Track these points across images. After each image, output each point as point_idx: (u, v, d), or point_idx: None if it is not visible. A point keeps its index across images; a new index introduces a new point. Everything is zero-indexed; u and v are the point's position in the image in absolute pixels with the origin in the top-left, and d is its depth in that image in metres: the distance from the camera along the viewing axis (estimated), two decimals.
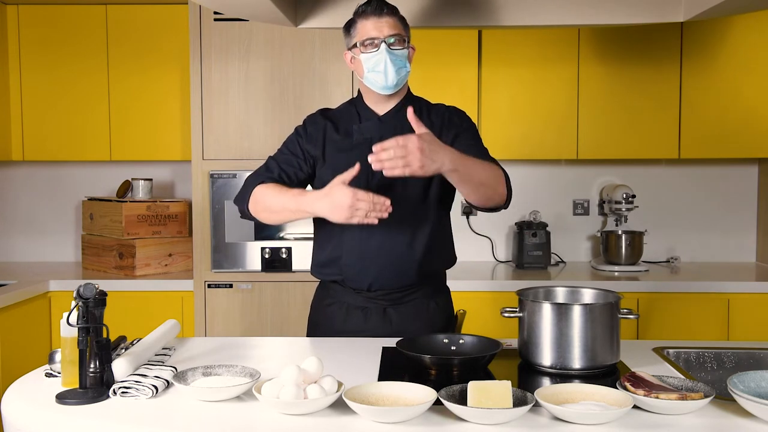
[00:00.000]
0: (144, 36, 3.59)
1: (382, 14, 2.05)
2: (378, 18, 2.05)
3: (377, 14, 2.05)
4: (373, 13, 2.05)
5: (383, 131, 2.11)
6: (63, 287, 3.36)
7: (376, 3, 2.06)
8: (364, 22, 2.06)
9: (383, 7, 2.06)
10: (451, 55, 3.49)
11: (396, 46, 2.05)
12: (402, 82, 2.10)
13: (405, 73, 2.09)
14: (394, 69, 2.04)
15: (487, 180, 1.97)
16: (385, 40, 2.03)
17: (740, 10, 2.75)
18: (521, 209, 3.85)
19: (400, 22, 2.09)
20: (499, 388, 1.42)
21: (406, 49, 2.08)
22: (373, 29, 2.04)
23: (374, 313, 2.14)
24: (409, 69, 2.10)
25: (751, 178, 3.87)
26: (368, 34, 2.05)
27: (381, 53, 2.03)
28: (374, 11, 2.05)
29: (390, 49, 2.04)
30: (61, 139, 3.65)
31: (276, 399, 1.45)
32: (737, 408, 1.46)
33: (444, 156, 1.82)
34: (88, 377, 1.57)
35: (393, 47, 2.05)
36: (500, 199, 2.05)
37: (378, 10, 2.05)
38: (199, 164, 3.32)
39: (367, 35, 2.05)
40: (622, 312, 1.80)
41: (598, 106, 3.52)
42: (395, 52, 2.05)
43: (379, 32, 2.04)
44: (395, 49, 2.05)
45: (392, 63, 2.04)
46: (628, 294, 3.21)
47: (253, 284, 3.32)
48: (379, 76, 2.06)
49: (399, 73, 2.06)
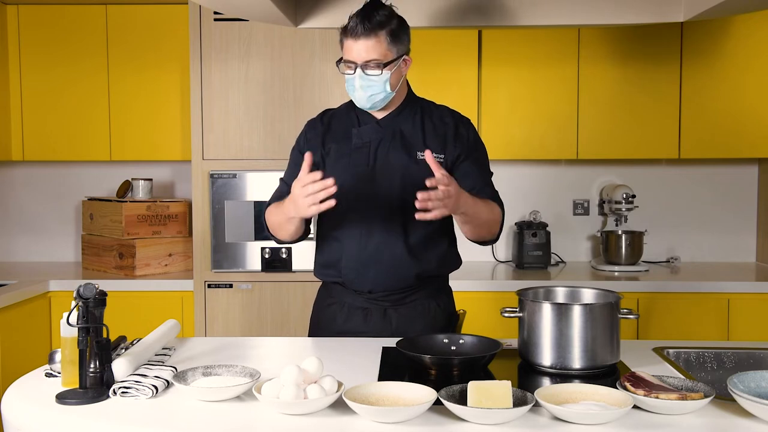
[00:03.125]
0: (144, 36, 3.59)
1: (359, 37, 1.97)
2: (355, 41, 1.98)
3: (354, 36, 1.98)
4: (352, 34, 1.98)
5: (382, 135, 2.11)
6: (63, 287, 3.36)
7: (357, 20, 1.98)
8: (345, 41, 2.02)
9: (362, 27, 1.97)
10: (451, 55, 3.49)
11: (371, 71, 1.99)
12: (380, 104, 2.06)
13: (382, 97, 2.04)
14: (366, 94, 2.02)
15: (487, 222, 2.08)
16: (360, 65, 1.99)
17: (740, 10, 2.75)
18: (521, 209, 3.85)
19: (388, 37, 2.00)
20: (499, 388, 1.42)
21: (386, 72, 2.00)
22: (350, 51, 2.00)
23: (375, 314, 2.13)
24: (389, 91, 2.04)
25: (751, 178, 3.87)
26: (346, 54, 2.02)
27: (355, 77, 2.01)
28: (352, 32, 1.98)
29: (364, 73, 2.00)
30: (61, 139, 3.65)
31: (276, 399, 1.45)
32: (737, 408, 1.46)
33: (464, 202, 1.92)
34: (88, 377, 1.57)
35: (368, 72, 2.00)
36: (491, 238, 2.16)
37: (355, 33, 1.98)
38: (199, 164, 3.32)
39: (346, 56, 2.02)
40: (622, 312, 1.80)
41: (598, 106, 3.52)
42: (370, 77, 2.00)
43: (355, 56, 1.99)
44: (370, 75, 2.00)
45: (363, 89, 2.01)
46: (628, 294, 3.21)
47: (253, 284, 3.32)
48: (355, 95, 2.05)
49: (372, 98, 2.03)
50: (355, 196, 2.08)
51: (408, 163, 2.08)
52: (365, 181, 2.08)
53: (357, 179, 2.08)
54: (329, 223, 2.15)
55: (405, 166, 2.08)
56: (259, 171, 3.28)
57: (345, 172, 2.08)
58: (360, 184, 2.08)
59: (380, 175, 2.07)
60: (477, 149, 2.17)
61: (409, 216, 2.07)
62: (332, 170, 2.11)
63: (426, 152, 1.87)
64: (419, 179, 2.06)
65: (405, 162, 2.08)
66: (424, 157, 2.06)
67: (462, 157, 2.12)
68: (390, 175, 2.07)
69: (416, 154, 2.09)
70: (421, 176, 2.06)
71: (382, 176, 2.07)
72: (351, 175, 2.08)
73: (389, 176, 2.07)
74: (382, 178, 2.07)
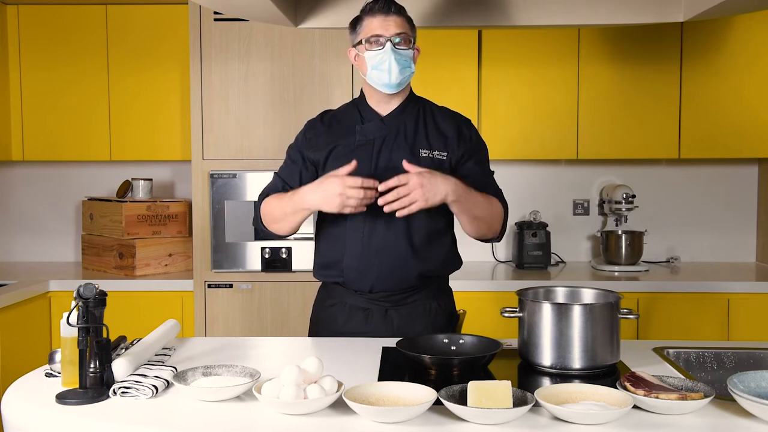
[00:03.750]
0: (144, 36, 3.59)
1: (389, 13, 2.05)
2: (385, 16, 2.05)
3: (384, 12, 2.05)
4: (380, 11, 2.05)
5: (386, 132, 2.11)
6: (63, 287, 3.36)
7: (384, 1, 2.06)
8: (371, 20, 2.06)
9: (391, 6, 2.06)
10: (451, 55, 3.49)
11: (401, 46, 2.05)
12: (405, 81, 2.10)
13: (409, 74, 2.09)
14: (398, 68, 2.05)
15: (485, 216, 2.09)
16: (390, 39, 2.04)
17: (740, 10, 2.75)
18: (521, 209, 3.85)
19: (408, 22, 2.09)
20: (499, 388, 1.42)
21: (411, 49, 2.08)
22: (379, 27, 2.05)
23: (376, 314, 2.13)
24: (414, 70, 2.10)
25: (751, 178, 3.87)
26: (374, 31, 2.05)
27: (386, 52, 2.04)
28: (382, 9, 2.05)
29: (395, 48, 2.04)
30: (61, 139, 3.65)
31: (276, 399, 1.45)
32: (737, 408, 1.46)
33: (447, 186, 1.94)
34: (88, 377, 1.57)
35: (398, 47, 2.05)
36: (493, 236, 2.17)
37: (386, 9, 2.05)
38: (199, 164, 3.32)
39: (372, 32, 2.05)
40: (622, 312, 1.80)
41: (598, 105, 3.52)
42: (400, 52, 2.05)
43: (385, 30, 2.04)
44: (400, 49, 2.05)
45: (396, 62, 2.04)
46: (628, 294, 3.21)
47: (253, 284, 3.32)
48: (383, 74, 2.06)
49: (403, 72, 2.06)
50: None
51: (411, 161, 2.07)
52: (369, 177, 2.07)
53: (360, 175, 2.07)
54: (331, 221, 2.14)
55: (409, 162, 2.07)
56: (259, 171, 3.28)
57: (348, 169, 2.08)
58: None
59: (383, 172, 2.06)
60: (480, 149, 2.19)
61: (412, 215, 2.07)
62: (334, 167, 2.10)
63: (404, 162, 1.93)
64: None
65: (409, 159, 2.07)
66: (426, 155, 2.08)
67: (466, 157, 2.13)
68: (393, 172, 2.06)
69: (419, 151, 2.09)
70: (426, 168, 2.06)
71: (385, 174, 2.07)
72: (355, 173, 2.08)
73: (392, 174, 2.06)
74: (385, 176, 2.07)
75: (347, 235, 2.11)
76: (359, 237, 2.09)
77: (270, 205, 2.13)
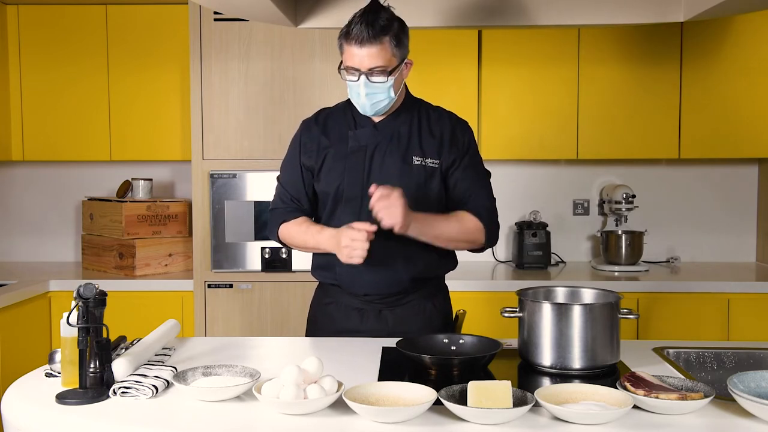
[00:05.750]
0: (144, 36, 3.59)
1: (364, 43, 1.94)
2: (360, 47, 1.94)
3: (359, 43, 1.94)
4: (355, 40, 1.94)
5: (379, 139, 2.10)
6: (63, 287, 3.36)
7: (360, 27, 1.94)
8: (347, 47, 1.98)
9: (368, 30, 1.93)
10: (451, 55, 3.49)
11: (377, 78, 1.97)
12: (383, 109, 2.05)
13: (386, 103, 2.03)
14: (370, 102, 2.01)
15: (457, 237, 2.08)
16: (364, 73, 1.96)
17: (740, 10, 2.75)
18: (521, 209, 3.85)
19: (391, 41, 1.97)
20: (499, 388, 1.42)
21: (391, 77, 1.98)
22: (353, 59, 1.97)
23: (370, 314, 2.14)
24: (394, 97, 2.03)
25: (751, 178, 3.87)
26: (348, 62, 1.98)
27: (360, 85, 1.98)
28: (357, 38, 1.94)
29: (369, 81, 1.97)
30: (61, 139, 3.65)
31: (276, 399, 1.45)
32: (737, 408, 1.46)
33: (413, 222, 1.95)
34: (88, 377, 1.57)
35: (372, 79, 1.97)
36: (476, 248, 2.14)
37: (360, 38, 1.93)
38: (199, 164, 3.32)
39: (347, 62, 1.99)
40: (622, 312, 1.80)
41: (598, 106, 3.52)
42: (374, 85, 1.98)
43: (359, 64, 1.96)
44: (375, 82, 1.98)
45: (368, 97, 1.99)
46: (628, 294, 3.21)
47: (253, 284, 3.32)
48: (358, 104, 2.04)
49: (376, 105, 2.02)
50: (351, 199, 2.08)
51: (404, 167, 2.07)
52: (362, 185, 2.07)
53: (353, 183, 2.08)
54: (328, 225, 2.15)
55: (401, 170, 2.07)
56: (259, 171, 3.28)
57: (341, 176, 2.08)
58: (356, 188, 2.08)
59: (376, 178, 2.05)
60: (473, 154, 2.15)
61: None
62: (329, 173, 2.10)
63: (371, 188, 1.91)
64: (417, 180, 2.06)
65: (401, 166, 2.07)
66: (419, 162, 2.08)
67: (457, 163, 2.11)
68: (386, 179, 2.05)
69: (412, 158, 2.08)
70: (419, 177, 2.06)
71: (378, 180, 2.05)
72: (348, 179, 2.08)
73: (386, 180, 2.05)
74: (378, 181, 2.06)
75: None
76: None
77: (290, 232, 2.15)
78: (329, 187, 2.11)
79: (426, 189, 2.08)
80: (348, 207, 2.09)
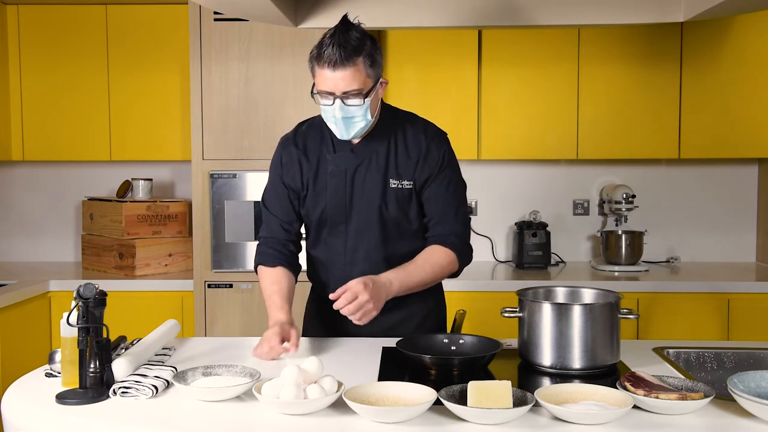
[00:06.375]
0: (144, 36, 3.59)
1: (336, 67, 1.86)
2: (332, 71, 1.87)
3: (332, 66, 1.87)
4: (328, 63, 1.87)
5: (358, 162, 2.05)
6: (63, 287, 3.36)
7: (332, 50, 1.86)
8: (320, 71, 1.90)
9: (339, 55, 1.86)
10: (451, 55, 3.49)
11: (352, 101, 1.91)
12: (360, 132, 1.99)
13: (363, 125, 1.97)
14: (346, 126, 1.95)
15: (433, 278, 2.07)
16: (339, 97, 1.90)
17: (740, 10, 2.75)
18: (521, 209, 3.85)
19: (365, 61, 1.90)
20: (499, 388, 1.42)
21: (367, 99, 1.92)
22: (326, 83, 1.90)
23: None
24: (370, 119, 1.97)
25: (751, 178, 3.87)
26: (321, 86, 1.92)
27: (335, 108, 1.91)
28: (329, 61, 1.86)
29: (344, 104, 1.91)
30: (61, 139, 3.65)
31: (276, 399, 1.45)
32: (737, 408, 1.46)
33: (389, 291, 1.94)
34: (88, 377, 1.57)
35: (348, 102, 1.91)
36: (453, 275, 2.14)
37: (332, 62, 1.86)
38: (199, 164, 3.32)
39: (321, 86, 1.92)
40: (622, 312, 1.80)
41: (598, 106, 3.52)
42: (350, 108, 1.91)
43: (333, 87, 1.89)
44: (351, 105, 1.91)
45: (344, 121, 1.93)
46: (628, 294, 3.21)
47: (253, 284, 3.31)
48: (334, 128, 1.99)
49: (352, 128, 1.96)
50: (336, 224, 2.08)
51: (385, 187, 2.05)
52: (344, 207, 2.06)
53: (336, 206, 2.07)
54: (315, 247, 2.16)
55: (382, 190, 2.05)
56: (259, 171, 3.28)
57: (324, 200, 2.07)
58: (340, 210, 2.07)
59: (358, 201, 2.05)
60: (445, 170, 2.08)
61: (389, 240, 2.07)
62: (312, 199, 2.09)
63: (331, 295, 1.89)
64: (396, 203, 2.04)
65: (382, 186, 2.05)
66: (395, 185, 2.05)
67: (429, 181, 2.07)
68: (368, 200, 2.04)
69: (389, 181, 2.05)
70: (397, 200, 2.05)
71: (360, 202, 2.04)
72: (330, 202, 2.07)
73: (368, 201, 2.04)
74: (360, 203, 2.04)
75: (330, 262, 2.12)
76: (341, 265, 2.10)
77: (262, 281, 2.12)
78: (313, 214, 2.10)
79: (406, 209, 2.06)
80: (333, 231, 2.09)
